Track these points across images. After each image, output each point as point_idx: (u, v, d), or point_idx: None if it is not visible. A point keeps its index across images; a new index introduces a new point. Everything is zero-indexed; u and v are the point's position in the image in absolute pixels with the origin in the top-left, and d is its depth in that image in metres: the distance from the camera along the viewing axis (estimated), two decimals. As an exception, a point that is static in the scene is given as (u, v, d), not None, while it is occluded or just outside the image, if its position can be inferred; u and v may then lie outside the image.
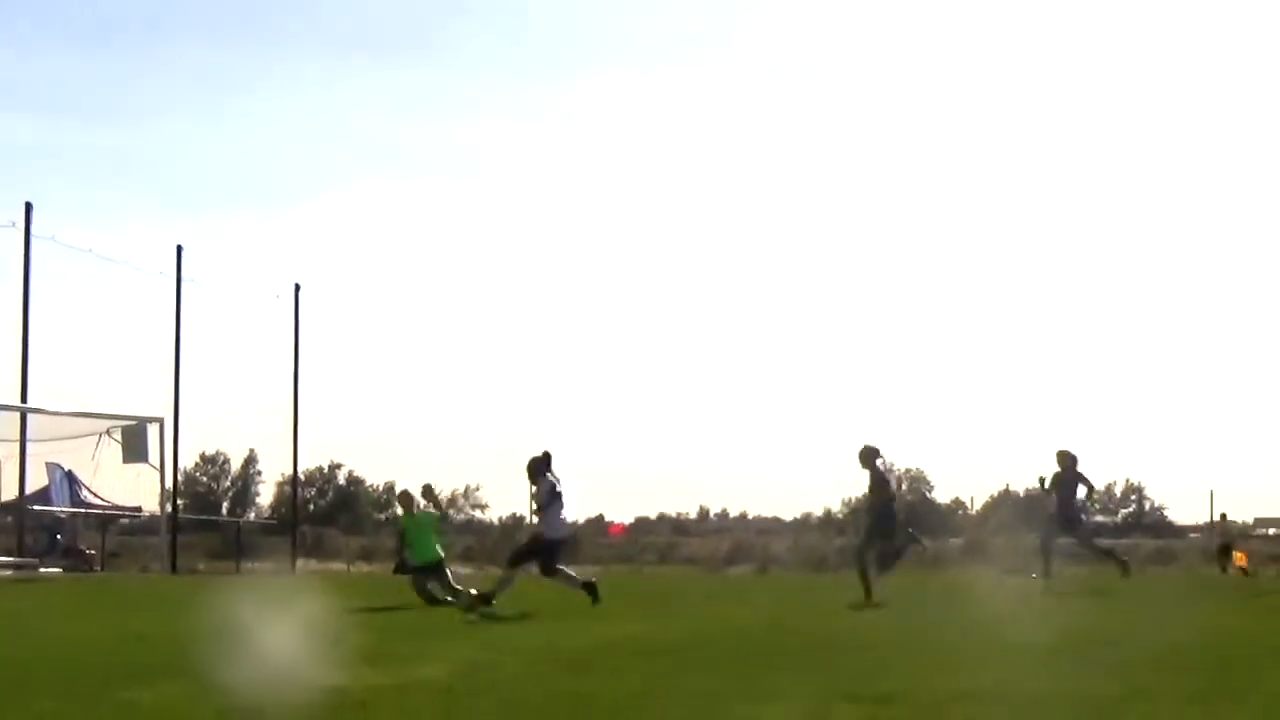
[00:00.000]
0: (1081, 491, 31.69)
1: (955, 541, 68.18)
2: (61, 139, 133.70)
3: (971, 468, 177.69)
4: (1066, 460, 31.25)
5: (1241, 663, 14.63)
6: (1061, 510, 31.66)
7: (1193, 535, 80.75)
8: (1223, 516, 57.85)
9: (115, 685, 12.76)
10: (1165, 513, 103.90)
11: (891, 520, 26.54)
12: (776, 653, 15.98)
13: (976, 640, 17.44)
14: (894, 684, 12.36)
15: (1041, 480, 31.70)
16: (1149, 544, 66.14)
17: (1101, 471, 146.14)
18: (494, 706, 11.11)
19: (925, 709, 10.87)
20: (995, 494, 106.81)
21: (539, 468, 23.83)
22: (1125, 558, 34.68)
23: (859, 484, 34.93)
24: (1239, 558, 51.47)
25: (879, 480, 26.47)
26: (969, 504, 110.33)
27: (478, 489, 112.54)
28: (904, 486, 30.23)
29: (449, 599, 24.88)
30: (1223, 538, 54.80)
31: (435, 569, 26.01)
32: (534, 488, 24.30)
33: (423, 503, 27.09)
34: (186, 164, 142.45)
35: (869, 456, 26.26)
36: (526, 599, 27.40)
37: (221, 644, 17.17)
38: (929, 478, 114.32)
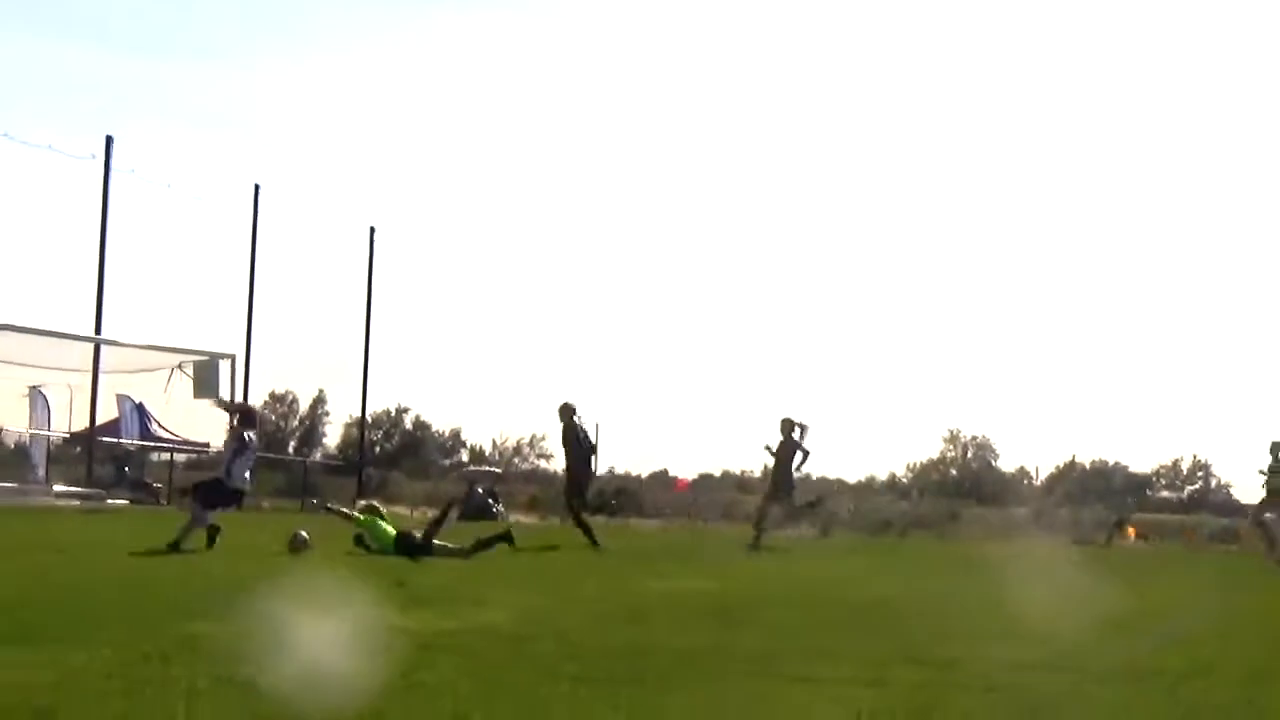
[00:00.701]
0: (798, 459, 32.13)
1: (1020, 511, 67.90)
2: (143, 73, 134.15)
3: (1037, 438, 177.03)
4: (787, 428, 32.03)
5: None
6: (775, 475, 32.65)
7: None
8: None
9: (179, 618, 12.87)
10: (1230, 491, 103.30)
11: (585, 477, 29.51)
12: (836, 613, 15.98)
13: (1039, 610, 17.38)
14: (955, 650, 12.35)
15: (767, 447, 32.51)
16: (1213, 522, 65.58)
17: (1167, 448, 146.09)
18: (554, 653, 11.14)
19: (986, 676, 10.84)
20: (1060, 465, 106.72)
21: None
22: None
23: (924, 449, 34.79)
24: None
25: (570, 437, 28.35)
26: (1034, 474, 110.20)
27: (543, 439, 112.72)
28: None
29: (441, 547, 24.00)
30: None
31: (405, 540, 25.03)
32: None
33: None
34: (267, 101, 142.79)
35: (565, 413, 28.18)
36: (592, 551, 27.46)
37: (285, 582, 17.31)
38: (995, 446, 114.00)
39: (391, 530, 23.23)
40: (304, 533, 22.84)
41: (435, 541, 22.88)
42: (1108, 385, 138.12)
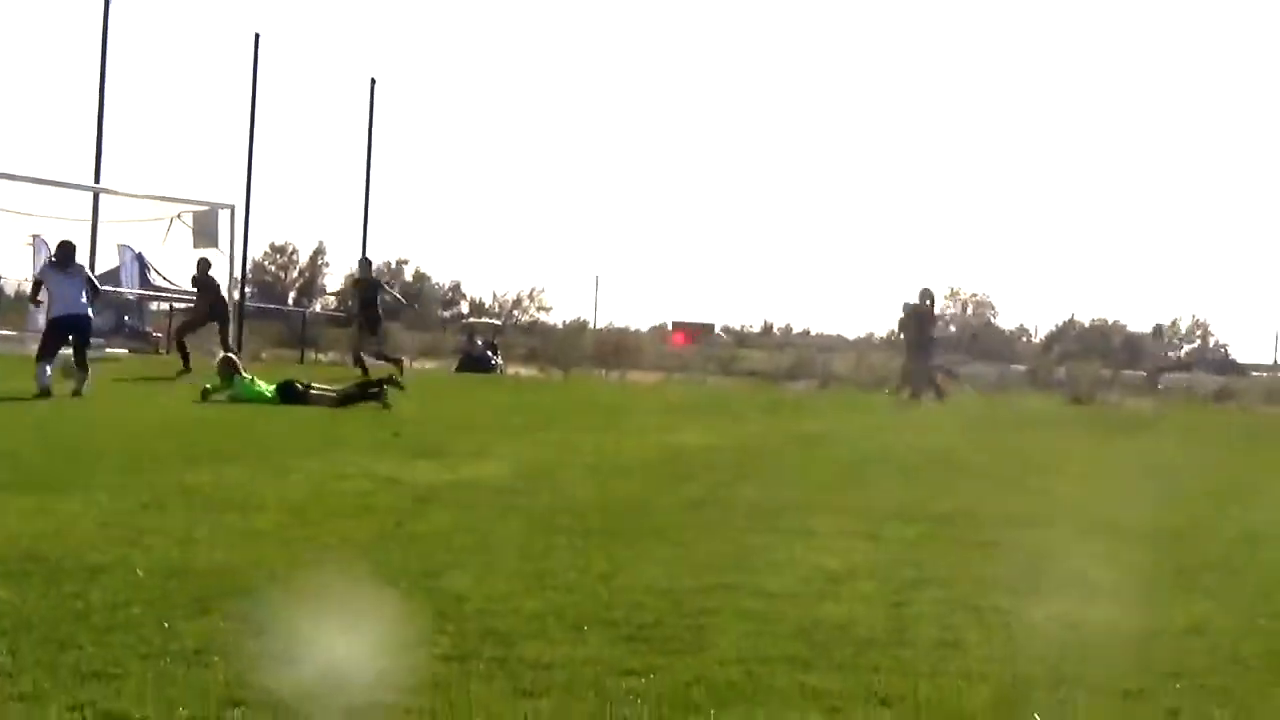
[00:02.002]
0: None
1: (1018, 368, 67.94)
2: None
3: (1036, 296, 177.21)
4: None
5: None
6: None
7: (1255, 374, 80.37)
8: None
9: (179, 465, 12.90)
10: (1227, 350, 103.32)
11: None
12: (834, 469, 16.03)
13: (1036, 466, 17.45)
14: (950, 505, 12.40)
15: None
16: (1210, 380, 65.63)
17: (1168, 307, 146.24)
18: (549, 506, 11.17)
19: (980, 530, 10.89)
20: (1059, 323, 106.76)
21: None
22: None
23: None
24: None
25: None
26: (1033, 332, 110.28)
27: (541, 291, 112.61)
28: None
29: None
30: None
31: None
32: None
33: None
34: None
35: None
36: (591, 405, 27.53)
37: (285, 433, 17.35)
38: (994, 303, 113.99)
39: (263, 385, 22.74)
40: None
41: (313, 389, 22.37)
42: (1107, 245, 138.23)
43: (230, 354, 24.32)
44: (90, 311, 23.33)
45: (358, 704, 5.35)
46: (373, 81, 52.91)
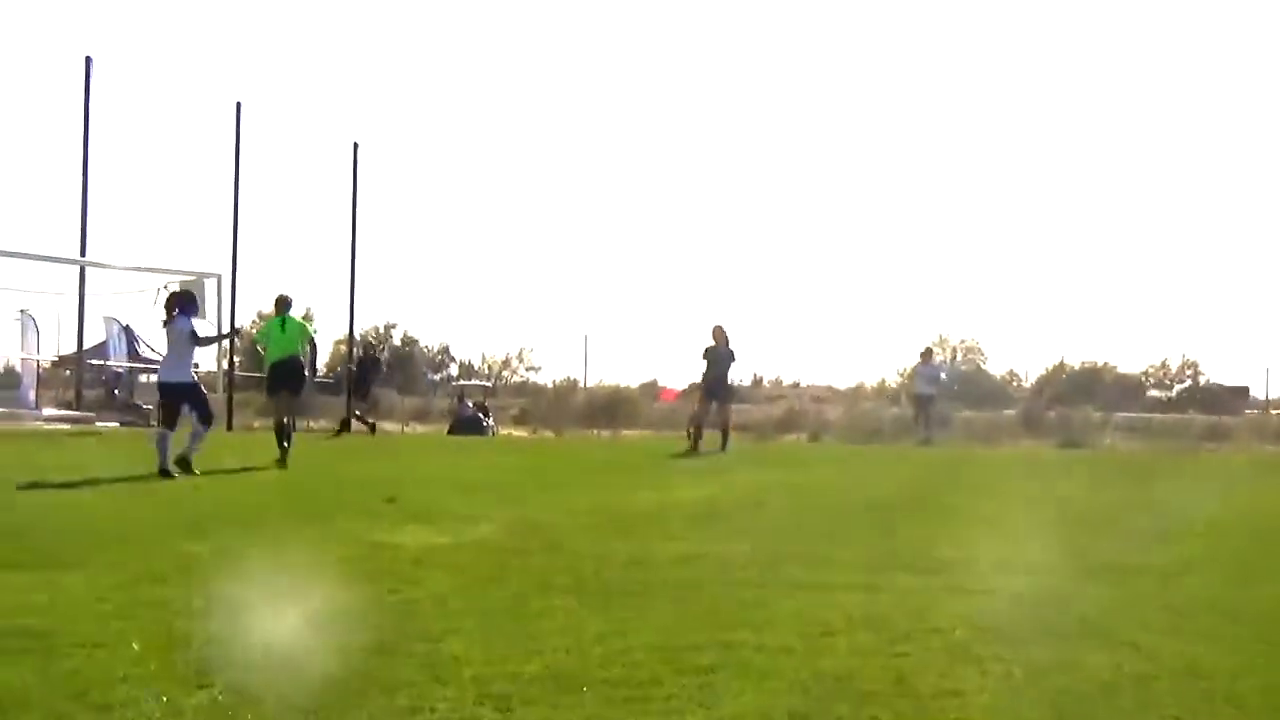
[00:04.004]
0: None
1: (1009, 413, 68.03)
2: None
3: (1025, 342, 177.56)
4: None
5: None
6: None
7: (1247, 413, 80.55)
8: None
9: (175, 537, 12.89)
10: (1217, 388, 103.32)
11: None
12: (829, 520, 16.01)
13: (1028, 511, 17.46)
14: (946, 553, 12.41)
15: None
16: (1201, 420, 65.74)
17: (1157, 347, 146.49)
18: (546, 566, 11.17)
19: (977, 578, 10.89)
20: (1049, 368, 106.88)
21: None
22: None
23: (912, 356, 35.09)
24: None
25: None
26: (1023, 377, 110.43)
27: (530, 351, 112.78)
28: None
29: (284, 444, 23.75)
30: None
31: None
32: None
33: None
34: (244, 18, 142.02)
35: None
36: (584, 463, 27.52)
37: (279, 501, 17.34)
38: (983, 350, 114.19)
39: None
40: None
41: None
42: (1095, 287, 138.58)
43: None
44: (174, 375, 22.01)
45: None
46: (355, 146, 53.04)
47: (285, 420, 24.34)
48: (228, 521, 14.66)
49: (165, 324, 21.83)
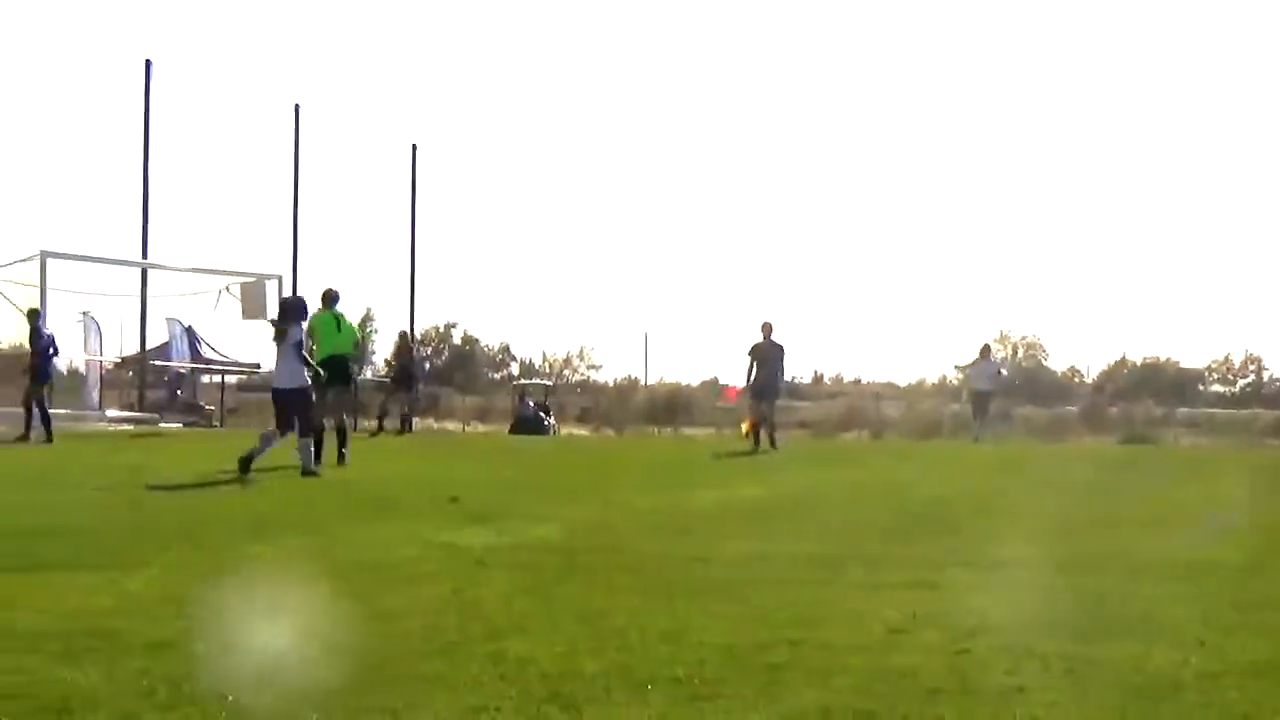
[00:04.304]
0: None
1: (1070, 410, 67.75)
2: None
3: (1087, 338, 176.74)
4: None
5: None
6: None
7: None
8: None
9: (239, 537, 12.97)
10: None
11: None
12: (889, 517, 15.98)
13: (1090, 507, 17.37)
14: (1006, 551, 12.36)
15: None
16: (1265, 415, 65.28)
17: (1219, 342, 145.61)
18: (608, 565, 11.17)
19: (1038, 575, 10.85)
20: (1111, 364, 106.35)
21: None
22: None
23: (973, 351, 35.23)
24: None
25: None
26: (1085, 372, 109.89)
27: (591, 350, 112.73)
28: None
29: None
30: None
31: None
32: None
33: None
34: (303, 20, 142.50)
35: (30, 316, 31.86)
36: (645, 462, 27.53)
37: (341, 502, 17.39)
38: (1044, 346, 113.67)
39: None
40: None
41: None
42: (1157, 282, 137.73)
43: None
44: (291, 382, 21.75)
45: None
46: (414, 147, 53.24)
47: (340, 419, 24.39)
48: (290, 522, 14.73)
49: (277, 334, 21.78)
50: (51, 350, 32.04)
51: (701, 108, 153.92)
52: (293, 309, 22.40)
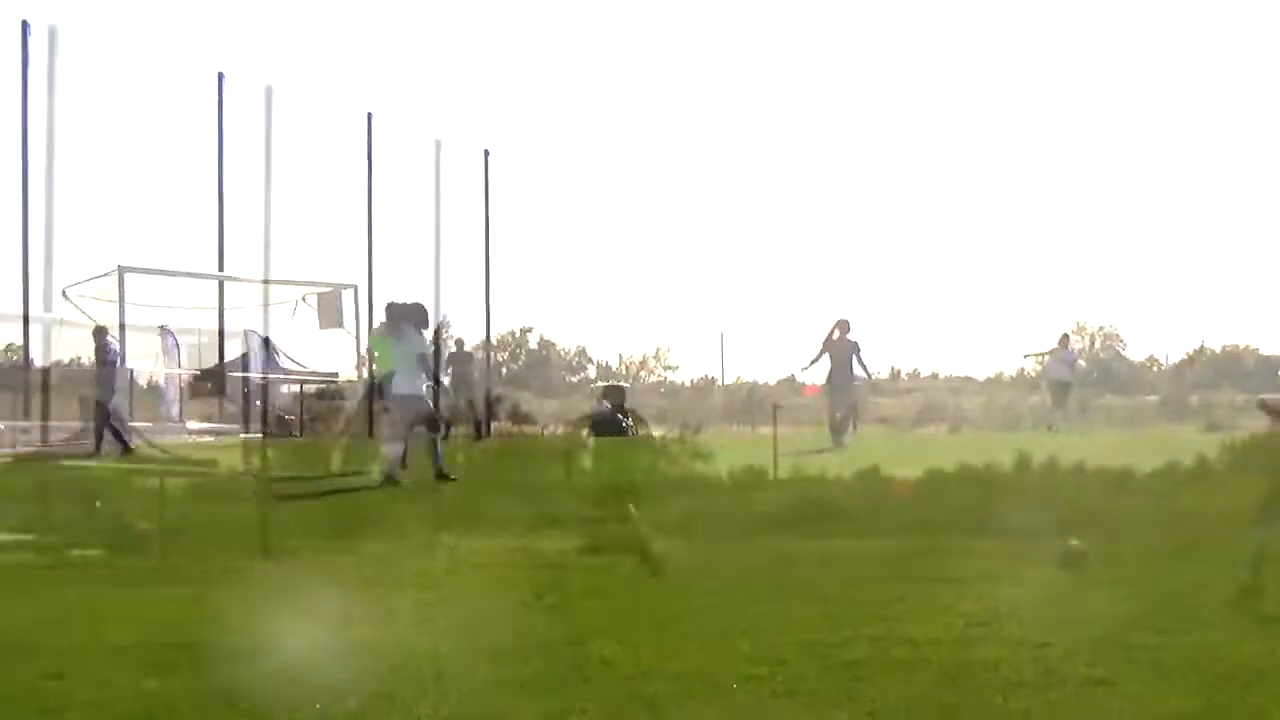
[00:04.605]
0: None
1: (1150, 399, 67.21)
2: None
3: (1165, 326, 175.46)
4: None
5: None
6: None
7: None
8: None
9: (325, 546, 13.06)
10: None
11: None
12: (966, 513, 15.91)
13: (1171, 498, 17.24)
14: (1091, 541, 12.29)
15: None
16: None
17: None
18: (688, 566, 11.18)
19: (1121, 569, 10.80)
20: (1190, 352, 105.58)
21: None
22: None
23: (1051, 342, 35.17)
24: None
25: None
26: (1163, 360, 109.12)
27: (667, 351, 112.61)
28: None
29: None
30: None
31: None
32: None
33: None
34: (374, 30, 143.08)
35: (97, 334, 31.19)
36: (721, 461, 27.44)
37: (422, 509, 17.45)
38: (1122, 335, 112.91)
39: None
40: None
41: None
42: (1235, 268, 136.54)
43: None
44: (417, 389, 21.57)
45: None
46: (486, 153, 53.33)
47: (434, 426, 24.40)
48: (375, 529, 14.79)
49: (394, 338, 21.78)
50: (118, 364, 32.06)
51: (777, 109, 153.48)
52: (410, 314, 22.20)
